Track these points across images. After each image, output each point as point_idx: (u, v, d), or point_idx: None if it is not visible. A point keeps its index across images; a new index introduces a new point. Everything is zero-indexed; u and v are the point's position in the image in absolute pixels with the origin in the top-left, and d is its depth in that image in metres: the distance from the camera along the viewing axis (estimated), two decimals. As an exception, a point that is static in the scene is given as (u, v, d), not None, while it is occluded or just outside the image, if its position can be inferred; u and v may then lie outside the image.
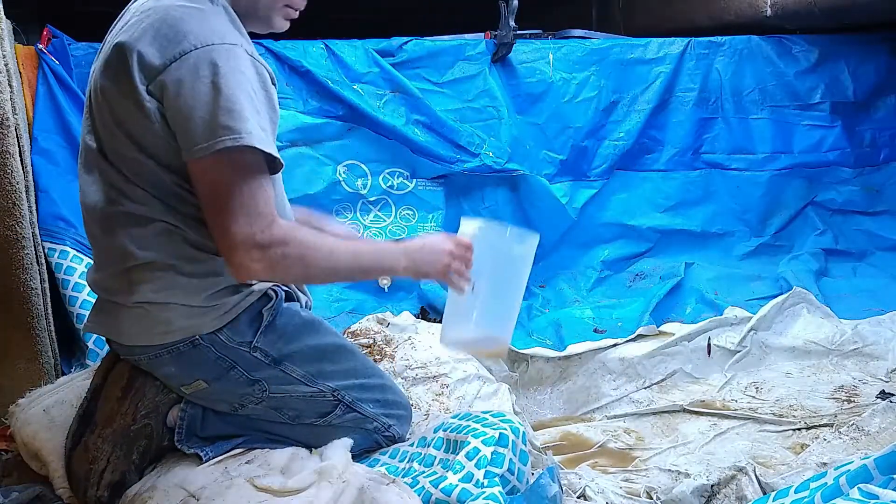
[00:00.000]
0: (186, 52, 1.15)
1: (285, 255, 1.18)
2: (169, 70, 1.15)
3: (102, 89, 1.24)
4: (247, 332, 1.35)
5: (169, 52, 1.16)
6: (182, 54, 1.15)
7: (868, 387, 2.12)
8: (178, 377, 1.38)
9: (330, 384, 1.45)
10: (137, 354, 1.36)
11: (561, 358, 2.27)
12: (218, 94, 1.13)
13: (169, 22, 1.18)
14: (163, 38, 1.17)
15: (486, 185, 2.68)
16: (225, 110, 1.13)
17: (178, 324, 1.30)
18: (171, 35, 1.17)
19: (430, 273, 1.36)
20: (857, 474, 1.12)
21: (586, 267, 2.80)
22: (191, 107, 1.14)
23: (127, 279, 1.29)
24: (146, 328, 1.31)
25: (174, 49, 1.16)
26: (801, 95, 2.87)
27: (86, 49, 2.37)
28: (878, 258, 2.83)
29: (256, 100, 1.18)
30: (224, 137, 1.12)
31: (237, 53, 1.18)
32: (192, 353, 1.33)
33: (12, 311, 1.87)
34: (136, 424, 1.41)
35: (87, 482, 1.38)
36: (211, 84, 1.14)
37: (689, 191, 2.85)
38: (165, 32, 1.17)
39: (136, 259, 1.28)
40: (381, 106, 2.57)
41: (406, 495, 1.29)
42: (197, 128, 1.13)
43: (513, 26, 2.58)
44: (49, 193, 2.06)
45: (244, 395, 1.41)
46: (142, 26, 1.20)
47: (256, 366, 1.37)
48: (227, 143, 1.12)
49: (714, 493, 1.54)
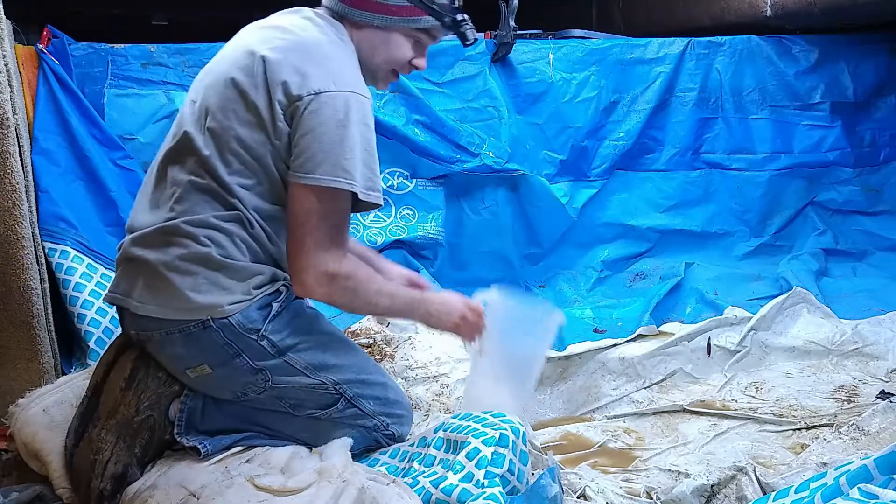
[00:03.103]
0: (330, 90, 1.30)
1: (345, 288, 1.36)
2: (310, 100, 1.30)
3: (235, 83, 1.35)
4: (256, 321, 1.38)
5: (314, 84, 1.31)
6: (325, 91, 1.30)
7: (868, 387, 2.12)
8: (185, 359, 1.40)
9: (332, 377, 1.47)
10: (150, 329, 1.38)
11: (561, 358, 2.26)
12: (346, 138, 1.30)
13: (316, 53, 1.34)
14: (309, 66, 1.32)
15: (486, 185, 2.68)
16: (348, 153, 1.30)
17: (196, 300, 1.33)
18: (317, 67, 1.32)
19: (441, 326, 1.53)
20: (857, 474, 1.12)
21: (586, 267, 2.80)
22: (321, 139, 1.29)
23: (168, 238, 1.35)
24: (165, 299, 1.35)
25: (319, 83, 1.31)
26: (801, 95, 2.87)
27: (86, 49, 2.37)
28: (878, 258, 2.83)
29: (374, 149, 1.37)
30: (340, 178, 1.30)
31: (367, 106, 1.35)
32: (201, 335, 1.35)
33: (12, 311, 1.87)
34: (139, 416, 1.42)
35: (92, 473, 1.39)
36: (344, 127, 1.30)
37: (689, 191, 2.85)
38: (311, 61, 1.33)
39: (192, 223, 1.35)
40: (381, 106, 2.57)
41: (406, 495, 1.29)
42: (319, 159, 1.29)
43: (513, 26, 2.59)
44: (49, 193, 2.06)
45: (247, 383, 1.42)
46: (288, 46, 1.35)
47: (262, 355, 1.40)
48: (342, 184, 1.30)
49: (714, 493, 1.54)
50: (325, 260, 1.32)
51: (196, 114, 1.40)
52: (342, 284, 1.35)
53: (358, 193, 1.31)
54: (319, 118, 1.29)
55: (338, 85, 1.31)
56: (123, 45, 2.42)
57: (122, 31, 2.73)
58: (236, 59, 1.37)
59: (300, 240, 1.32)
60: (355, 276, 1.36)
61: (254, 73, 1.33)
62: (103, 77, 2.39)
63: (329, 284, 1.33)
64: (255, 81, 1.33)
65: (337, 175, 1.29)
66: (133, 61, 2.41)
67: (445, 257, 2.66)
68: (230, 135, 1.35)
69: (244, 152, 1.35)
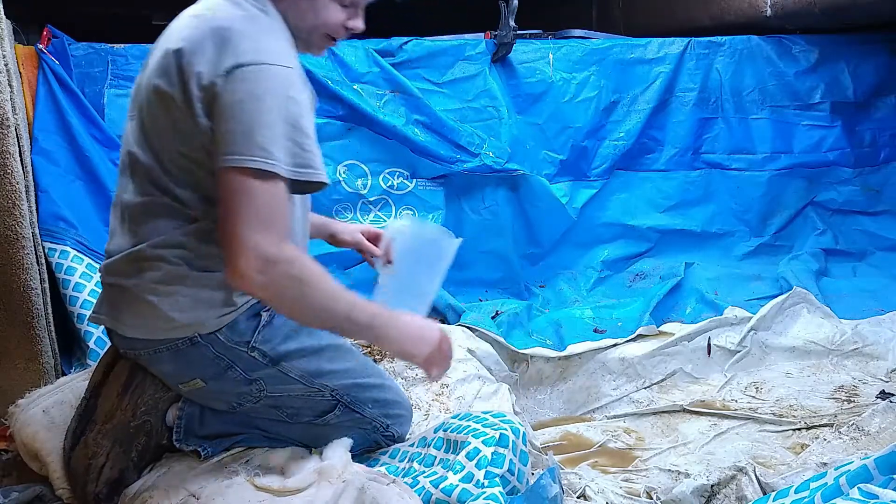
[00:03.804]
0: (242, 65, 1.18)
1: (288, 275, 1.18)
2: (222, 80, 1.18)
3: (157, 89, 1.26)
4: (245, 332, 1.36)
5: (225, 63, 1.19)
6: (237, 67, 1.18)
7: (868, 387, 2.12)
8: (177, 375, 1.39)
9: (328, 384, 1.45)
10: (138, 349, 1.36)
11: (561, 358, 2.27)
12: (261, 113, 1.17)
13: (227, 32, 1.21)
14: (220, 49, 1.20)
15: (486, 185, 2.68)
16: (265, 130, 1.17)
17: (180, 319, 1.30)
18: (228, 46, 1.20)
19: (414, 355, 1.34)
20: (857, 474, 1.12)
21: (586, 267, 2.80)
22: (233, 118, 1.17)
23: (140, 264, 1.31)
24: (148, 321, 1.32)
25: (230, 61, 1.19)
26: (801, 95, 2.87)
27: (86, 49, 2.37)
28: (878, 258, 2.84)
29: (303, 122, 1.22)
30: (256, 158, 1.16)
31: (288, 75, 1.21)
32: (190, 351, 1.33)
33: (12, 311, 1.87)
34: (136, 421, 1.42)
35: (87, 477, 1.38)
36: (258, 100, 1.17)
37: (689, 191, 2.85)
38: (223, 42, 1.20)
39: (157, 245, 1.30)
40: (381, 106, 2.57)
41: (406, 495, 1.29)
42: (235, 140, 1.17)
43: (513, 26, 2.58)
44: (49, 193, 2.06)
45: (242, 394, 1.41)
46: (201, 33, 1.23)
47: (254, 365, 1.38)
48: (259, 164, 1.16)
49: (714, 493, 1.55)
50: (258, 242, 1.16)
51: (135, 132, 1.34)
52: (285, 271, 1.17)
53: (280, 172, 1.17)
54: (232, 97, 1.18)
55: (250, 59, 1.19)
56: (123, 45, 2.41)
57: (122, 31, 2.72)
58: (156, 64, 1.29)
59: (230, 228, 1.17)
60: (301, 262, 1.20)
61: (170, 72, 1.24)
62: (103, 77, 2.38)
63: (269, 270, 1.16)
64: (172, 80, 1.24)
65: (253, 154, 1.16)
66: (133, 61, 2.41)
67: (445, 257, 2.66)
68: (169, 146, 1.27)
69: (186, 161, 1.27)
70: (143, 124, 1.32)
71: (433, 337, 1.35)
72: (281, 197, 1.19)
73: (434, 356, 1.35)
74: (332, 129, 2.55)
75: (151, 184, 1.31)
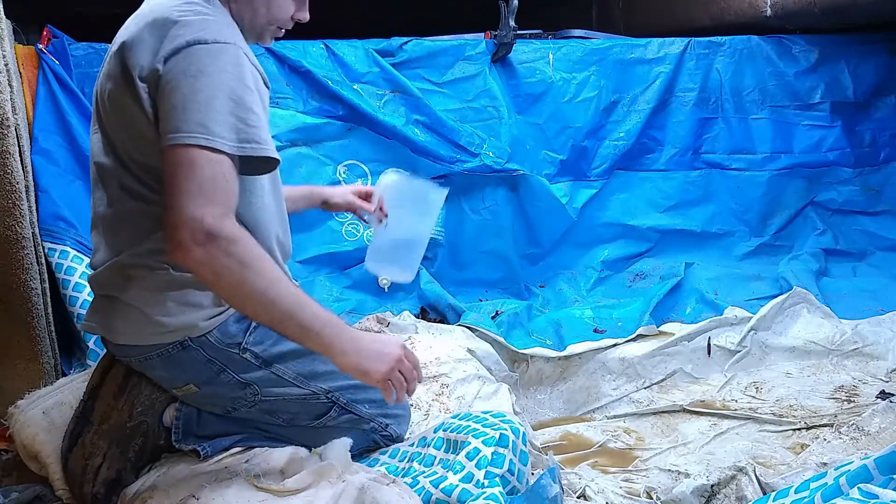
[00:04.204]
0: (179, 48, 1.17)
1: (229, 253, 1.12)
2: (161, 66, 1.17)
3: (109, 93, 1.26)
4: (236, 334, 1.35)
5: (164, 49, 1.18)
6: (175, 51, 1.17)
7: (868, 387, 2.12)
8: (170, 380, 1.39)
9: (323, 385, 1.44)
10: (130, 356, 1.36)
11: (561, 358, 2.27)
12: (200, 90, 1.15)
13: (165, 21, 1.20)
14: (159, 37, 1.19)
15: (486, 185, 2.67)
16: (203, 106, 1.14)
17: (170, 324, 1.30)
18: (167, 34, 1.19)
19: (369, 372, 1.24)
20: (857, 474, 1.12)
21: (586, 267, 2.80)
22: (172, 97, 1.15)
23: (124, 273, 1.30)
24: (138, 328, 1.31)
25: (169, 45, 1.18)
26: (801, 95, 2.87)
27: (86, 49, 2.37)
28: (878, 258, 2.83)
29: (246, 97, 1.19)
30: (195, 134, 1.13)
31: (228, 51, 1.19)
32: (181, 356, 1.33)
33: (12, 311, 1.87)
34: (132, 421, 1.41)
35: (84, 478, 1.38)
36: (195, 78, 1.15)
37: (689, 191, 2.85)
38: (162, 31, 1.20)
39: (137, 254, 1.29)
40: (381, 106, 2.57)
41: (406, 495, 1.29)
42: (176, 117, 1.14)
43: (513, 26, 2.58)
44: (49, 193, 2.06)
45: (236, 398, 1.40)
46: (140, 26, 1.23)
47: (247, 368, 1.37)
48: (199, 140, 1.13)
49: (714, 493, 1.55)
50: (201, 214, 1.11)
51: (99, 142, 1.34)
52: (225, 248, 1.12)
53: (223, 148, 1.14)
54: (171, 77, 1.16)
55: (188, 40, 1.17)
56: (123, 46, 2.41)
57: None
58: (104, 70, 1.29)
59: (172, 202, 1.13)
60: (244, 244, 1.14)
61: (116, 73, 1.24)
62: (103, 77, 2.38)
63: (208, 245, 1.11)
64: (118, 80, 1.23)
65: (192, 131, 1.13)
66: (133, 61, 2.40)
67: (445, 257, 2.66)
68: (130, 147, 1.27)
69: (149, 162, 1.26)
70: (104, 132, 1.31)
71: (394, 353, 1.27)
72: (225, 173, 1.16)
73: (394, 375, 1.26)
74: (332, 129, 2.55)
75: (121, 190, 1.30)
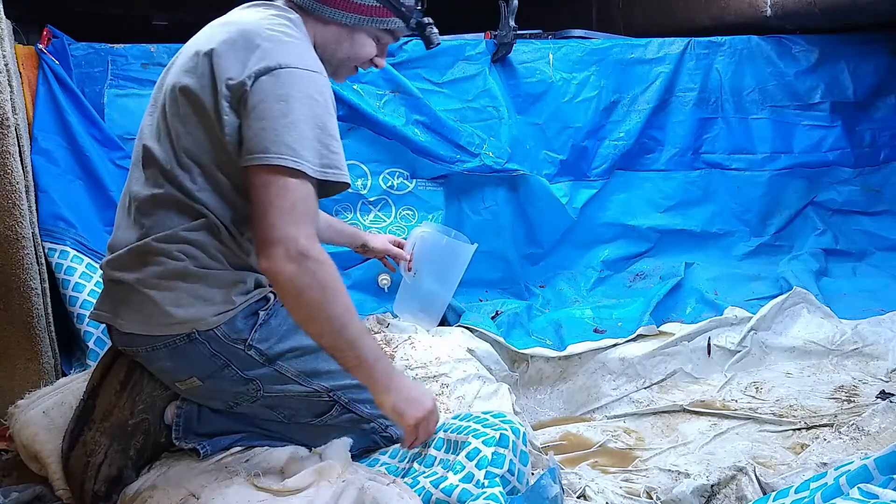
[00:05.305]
0: (270, 69, 1.23)
1: (315, 273, 1.21)
2: (251, 81, 1.23)
3: (187, 88, 1.31)
4: (243, 330, 1.36)
5: (255, 65, 1.24)
6: (266, 70, 1.23)
7: (868, 387, 2.12)
8: (173, 373, 1.39)
9: (325, 384, 1.45)
10: (136, 345, 1.37)
11: (561, 358, 2.27)
12: (288, 114, 1.21)
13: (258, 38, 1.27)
14: (250, 52, 1.26)
15: (486, 185, 2.67)
16: (292, 130, 1.21)
17: (179, 316, 1.31)
18: (258, 50, 1.25)
19: (405, 415, 1.36)
20: (857, 474, 1.12)
21: (586, 267, 2.80)
22: (261, 117, 1.22)
23: (143, 259, 1.33)
24: (147, 317, 1.33)
25: (260, 63, 1.24)
26: (801, 95, 2.87)
27: (86, 49, 2.37)
28: (878, 258, 2.84)
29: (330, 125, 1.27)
30: (284, 156, 1.20)
31: (318, 80, 1.27)
32: (187, 348, 1.34)
33: (12, 311, 1.87)
34: (134, 419, 1.42)
35: (85, 475, 1.39)
36: (285, 102, 1.22)
37: (689, 191, 2.85)
38: (253, 47, 1.27)
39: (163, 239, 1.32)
40: (381, 106, 2.57)
41: (406, 495, 1.29)
42: (261, 138, 1.21)
43: (513, 26, 2.58)
44: (49, 193, 2.06)
45: (238, 393, 1.41)
46: (232, 35, 1.29)
47: (250, 364, 1.38)
48: (287, 162, 1.20)
49: (714, 493, 1.54)
50: (295, 234, 1.20)
51: (153, 126, 1.38)
52: (312, 267, 1.20)
53: (308, 172, 1.22)
54: (260, 96, 1.23)
55: (279, 63, 1.24)
56: (123, 45, 2.41)
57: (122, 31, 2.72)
58: (184, 65, 1.34)
59: (267, 219, 1.21)
60: (330, 267, 1.23)
61: (200, 73, 1.29)
62: (103, 77, 2.38)
63: (299, 262, 1.19)
64: (203, 82, 1.29)
65: (282, 153, 1.20)
66: (133, 61, 2.40)
67: (445, 257, 2.66)
68: (187, 142, 1.31)
69: (203, 158, 1.31)
70: (162, 120, 1.35)
71: (428, 404, 1.39)
72: (311, 195, 1.24)
73: (422, 424, 1.38)
74: (331, 129, 2.55)
75: (164, 178, 1.33)
